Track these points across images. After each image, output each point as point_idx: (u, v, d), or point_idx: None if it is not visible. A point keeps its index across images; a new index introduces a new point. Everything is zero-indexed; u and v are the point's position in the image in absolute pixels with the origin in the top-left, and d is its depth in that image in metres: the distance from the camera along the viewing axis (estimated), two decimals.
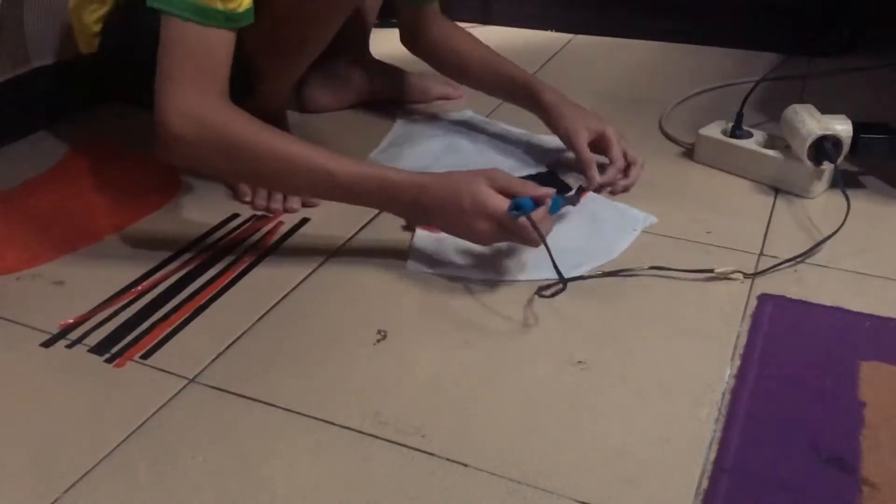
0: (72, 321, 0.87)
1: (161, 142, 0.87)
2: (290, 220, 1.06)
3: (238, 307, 0.90)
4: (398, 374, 0.79)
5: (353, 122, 1.37)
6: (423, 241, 0.99)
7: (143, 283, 0.93)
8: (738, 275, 0.92)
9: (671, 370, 0.79)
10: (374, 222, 1.05)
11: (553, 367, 0.80)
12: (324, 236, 1.03)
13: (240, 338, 0.85)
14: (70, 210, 1.09)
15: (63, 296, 0.92)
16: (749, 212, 1.07)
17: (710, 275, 0.92)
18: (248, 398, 0.77)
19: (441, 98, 1.42)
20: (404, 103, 1.42)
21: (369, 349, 0.83)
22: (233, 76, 0.88)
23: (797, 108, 1.11)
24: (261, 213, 1.08)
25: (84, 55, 1.14)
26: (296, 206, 1.08)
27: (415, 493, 0.66)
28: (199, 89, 0.86)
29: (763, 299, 0.89)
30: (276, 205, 1.07)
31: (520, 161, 1.20)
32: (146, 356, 0.82)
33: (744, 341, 0.83)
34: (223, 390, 0.78)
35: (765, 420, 0.73)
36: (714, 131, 1.18)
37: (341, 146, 1.26)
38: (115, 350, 0.83)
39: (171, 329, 0.86)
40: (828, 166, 1.07)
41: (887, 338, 0.83)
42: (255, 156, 0.87)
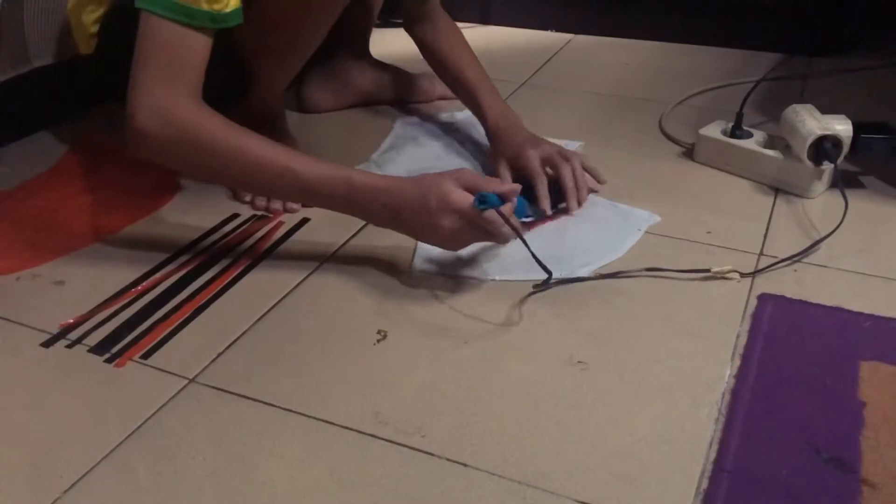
0: (72, 321, 0.87)
1: (128, 135, 0.87)
2: (290, 221, 1.06)
3: (238, 307, 0.90)
4: (398, 374, 0.79)
5: (354, 122, 1.37)
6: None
7: (143, 284, 0.93)
8: (734, 274, 0.92)
9: (671, 370, 0.79)
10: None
11: (553, 367, 0.80)
12: (324, 236, 1.03)
13: (240, 338, 0.85)
14: (70, 210, 1.09)
15: (63, 296, 0.92)
16: (749, 212, 1.07)
17: (706, 274, 0.92)
18: (248, 398, 0.77)
19: (441, 98, 1.42)
20: (404, 103, 1.42)
21: (369, 349, 0.83)
22: (227, 77, 0.88)
23: (797, 108, 1.11)
24: (260, 213, 1.08)
25: (82, 56, 1.14)
26: (296, 206, 1.08)
27: (415, 493, 0.66)
28: (170, 87, 0.85)
29: (763, 299, 0.89)
30: (276, 205, 1.07)
31: None
32: (146, 356, 0.82)
33: (744, 341, 0.83)
34: (223, 390, 0.78)
35: (765, 420, 0.73)
36: (714, 131, 1.18)
37: (341, 147, 1.27)
38: (114, 350, 0.83)
39: (170, 329, 0.86)
40: (828, 166, 1.07)
41: (887, 338, 0.83)
42: (220, 154, 0.86)
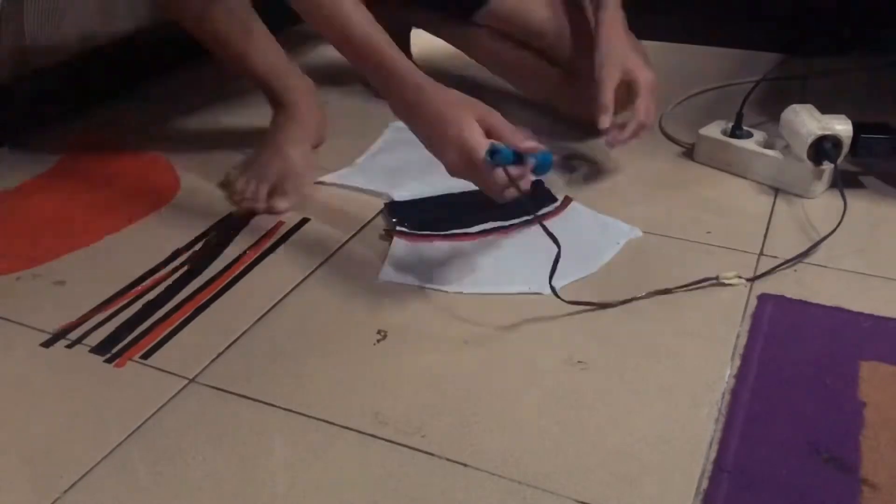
0: (73, 321, 0.87)
1: None
2: (291, 220, 1.06)
3: (238, 307, 0.90)
4: (398, 374, 0.79)
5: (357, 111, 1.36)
6: (400, 251, 0.98)
7: (143, 283, 0.93)
8: (740, 280, 0.91)
9: (671, 370, 0.79)
10: (373, 223, 1.05)
11: (553, 368, 0.80)
12: (323, 236, 1.03)
13: (240, 338, 0.85)
14: (70, 210, 1.09)
15: (63, 296, 0.92)
16: (749, 212, 1.07)
17: (714, 282, 0.91)
18: (248, 398, 0.77)
19: None
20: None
21: (369, 349, 0.83)
22: None
23: (797, 108, 1.11)
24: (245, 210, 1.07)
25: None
26: (281, 205, 1.06)
27: (415, 493, 0.66)
28: None
29: (763, 299, 0.89)
30: (281, 205, 1.06)
31: None
32: (146, 356, 0.82)
33: (743, 341, 0.83)
34: (223, 390, 0.78)
35: (765, 420, 0.73)
36: (714, 131, 1.18)
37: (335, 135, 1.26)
38: (114, 350, 0.83)
39: (171, 329, 0.86)
40: (828, 166, 1.07)
41: (887, 338, 0.83)
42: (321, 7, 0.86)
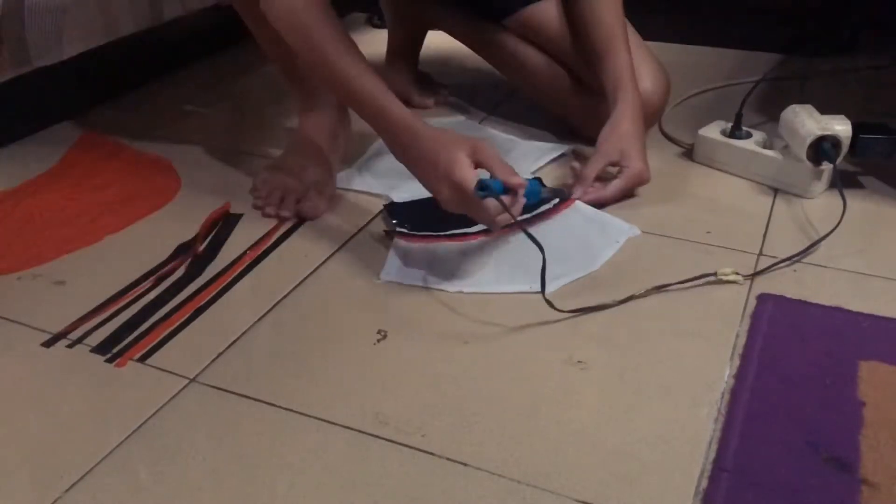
0: (74, 321, 0.87)
1: (264, 7, 0.95)
2: (290, 221, 1.06)
3: (238, 307, 0.90)
4: (398, 374, 0.80)
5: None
6: (400, 251, 0.98)
7: (144, 284, 0.93)
8: (738, 277, 0.91)
9: (671, 370, 0.79)
10: (373, 223, 1.05)
11: (553, 368, 0.80)
12: (324, 236, 1.03)
13: (240, 338, 0.85)
14: (70, 210, 1.09)
15: (63, 296, 0.92)
16: (748, 212, 1.07)
17: (712, 279, 0.91)
18: (248, 398, 0.77)
19: (419, 107, 1.40)
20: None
21: (369, 349, 0.83)
22: None
23: (796, 108, 1.11)
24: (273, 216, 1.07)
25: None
26: (312, 212, 1.06)
27: (415, 493, 0.66)
28: None
29: (762, 299, 0.89)
30: (286, 212, 1.06)
31: None
32: (147, 356, 0.82)
33: (743, 341, 0.83)
34: (223, 390, 0.78)
35: (764, 420, 0.73)
36: (713, 131, 1.18)
37: None
38: (115, 350, 0.83)
39: (171, 329, 0.86)
40: (827, 166, 1.07)
41: (886, 338, 0.83)
42: (309, 54, 0.94)
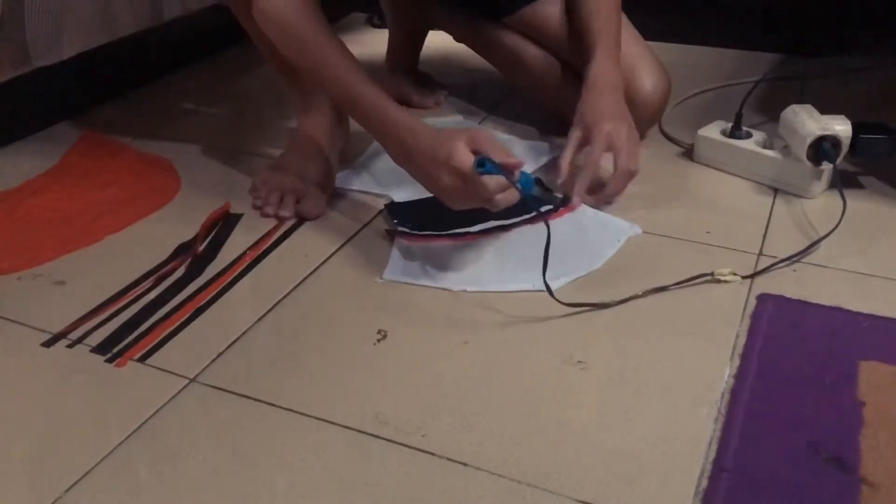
0: (74, 321, 0.87)
1: (255, 14, 0.96)
2: (290, 221, 1.06)
3: (238, 307, 0.90)
4: (398, 374, 0.80)
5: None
6: (403, 251, 0.98)
7: (144, 284, 0.93)
8: (735, 277, 0.91)
9: (671, 370, 0.79)
10: (373, 223, 1.05)
11: (553, 367, 0.80)
12: (324, 236, 1.03)
13: (240, 338, 0.85)
14: (70, 210, 1.09)
15: (63, 296, 0.92)
16: (748, 212, 1.07)
17: (709, 278, 0.92)
18: (248, 398, 0.77)
19: (419, 107, 1.41)
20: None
21: (369, 349, 0.83)
22: None
23: (796, 108, 1.11)
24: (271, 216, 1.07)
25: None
26: (312, 212, 1.06)
27: (415, 492, 0.67)
28: None
29: (762, 299, 0.89)
30: (286, 212, 1.06)
31: None
32: (147, 356, 0.82)
33: (743, 341, 0.83)
34: (223, 390, 0.78)
35: (764, 420, 0.73)
36: (713, 131, 1.18)
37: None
38: (115, 350, 0.83)
39: (171, 329, 0.86)
40: (827, 166, 1.07)
41: (886, 338, 0.83)
42: (303, 56, 0.95)
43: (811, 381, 0.77)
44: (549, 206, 0.96)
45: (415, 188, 1.08)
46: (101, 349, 0.83)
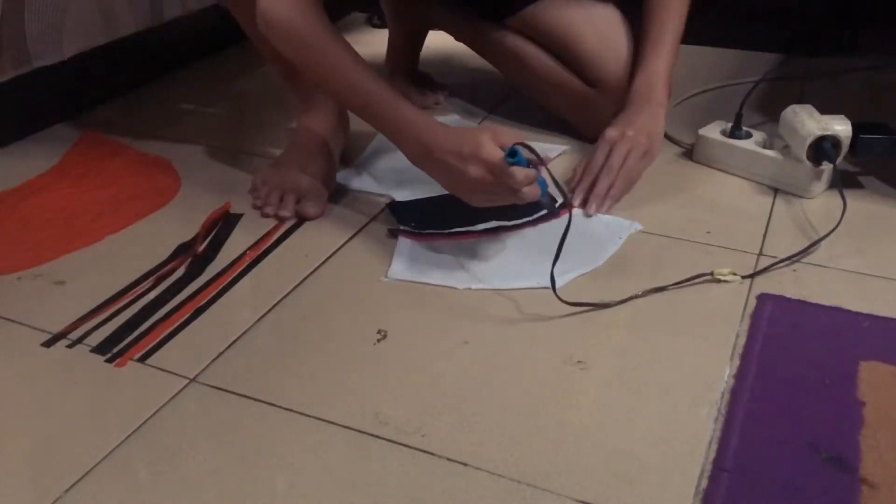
0: (74, 321, 0.87)
1: (259, 19, 0.96)
2: (290, 221, 1.06)
3: (238, 307, 0.90)
4: (398, 374, 0.80)
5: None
6: (406, 250, 0.98)
7: (144, 283, 0.93)
8: (735, 277, 0.91)
9: (671, 370, 0.79)
10: (373, 223, 1.05)
11: (553, 367, 0.80)
12: (324, 236, 1.03)
13: (240, 338, 0.85)
14: (70, 210, 1.09)
15: (63, 296, 0.92)
16: (748, 212, 1.07)
17: (708, 278, 0.92)
18: (248, 398, 0.77)
19: (435, 104, 1.41)
20: None
21: (369, 349, 0.83)
22: None
23: (796, 108, 1.11)
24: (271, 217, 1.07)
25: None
26: (312, 212, 1.06)
27: (415, 492, 0.67)
28: None
29: (762, 299, 0.89)
30: (286, 212, 1.06)
31: None
32: (147, 356, 0.82)
33: (743, 341, 0.83)
34: (223, 390, 0.78)
35: (764, 420, 0.73)
36: (713, 131, 1.18)
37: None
38: (115, 350, 0.83)
39: (171, 329, 0.86)
40: (827, 166, 1.07)
41: (886, 338, 0.83)
42: (314, 62, 0.95)
43: (811, 381, 0.77)
44: (547, 209, 0.94)
45: (414, 189, 1.09)
46: (101, 349, 0.83)
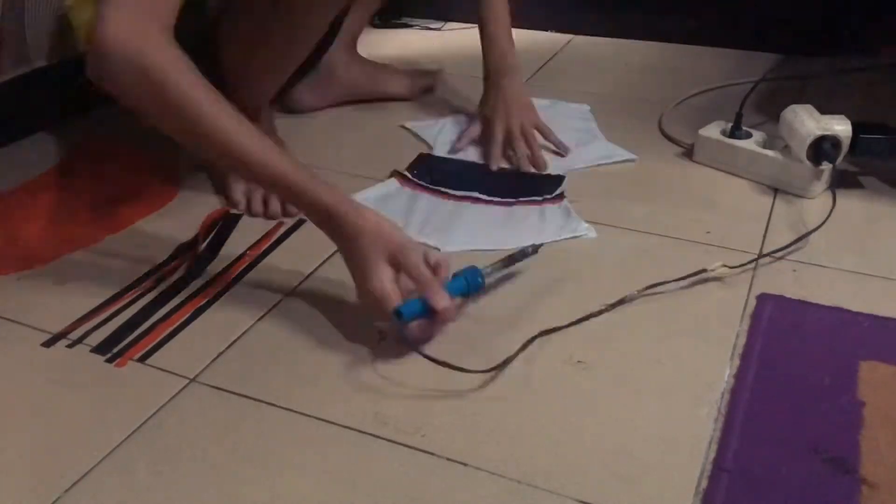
0: (74, 321, 0.87)
1: (92, 58, 0.80)
2: (289, 220, 1.06)
3: (238, 307, 0.90)
4: (398, 374, 0.79)
5: (340, 121, 1.36)
6: (390, 188, 1.10)
7: (144, 284, 0.93)
8: (724, 269, 0.91)
9: (671, 370, 0.79)
10: None
11: (553, 367, 0.80)
12: (323, 236, 1.02)
13: (240, 338, 0.85)
14: (70, 210, 1.09)
15: (63, 296, 0.92)
16: (748, 212, 1.07)
17: (704, 275, 0.92)
18: (248, 398, 0.77)
19: (426, 90, 1.41)
20: (389, 100, 1.40)
21: (369, 349, 0.83)
22: (209, 76, 0.82)
23: (796, 108, 1.11)
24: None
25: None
26: (294, 210, 1.05)
27: (415, 493, 0.66)
28: (146, 16, 0.78)
29: (762, 299, 0.89)
30: (275, 208, 1.05)
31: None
32: (147, 356, 0.82)
33: (743, 341, 0.83)
34: (223, 390, 0.78)
35: (764, 420, 0.73)
36: (713, 132, 1.18)
37: (329, 147, 1.26)
38: (115, 350, 0.83)
39: (171, 329, 0.86)
40: (827, 166, 1.07)
41: (886, 338, 0.83)
42: (187, 115, 0.80)
43: (811, 381, 0.77)
44: (523, 258, 0.92)
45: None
46: (101, 349, 0.83)
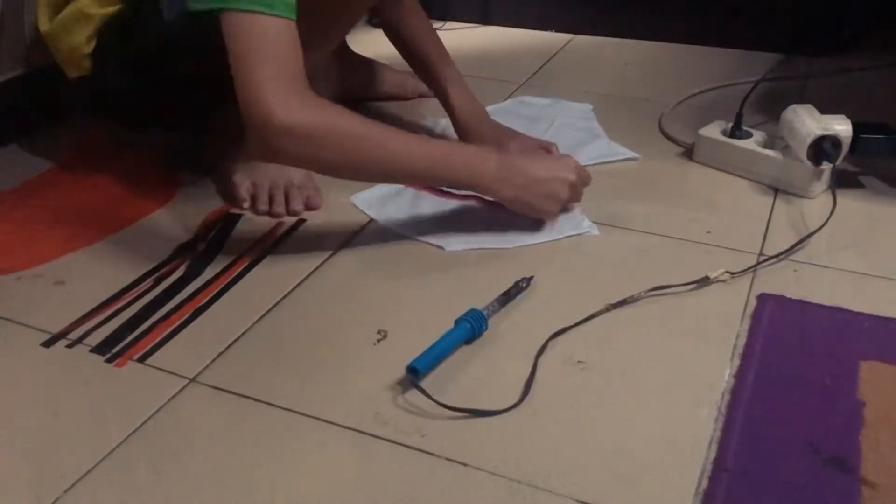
0: (74, 321, 0.87)
1: (265, 137, 0.86)
2: (290, 220, 1.06)
3: (238, 307, 0.90)
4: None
5: None
6: (390, 188, 1.10)
7: (144, 284, 0.93)
8: (726, 275, 0.91)
9: (671, 370, 0.79)
10: (373, 223, 1.05)
11: (553, 367, 0.80)
12: (324, 236, 1.03)
13: (240, 338, 0.85)
14: (70, 210, 1.09)
15: (63, 296, 0.92)
16: (749, 212, 1.07)
17: (705, 282, 0.91)
18: (248, 398, 0.77)
19: (422, 96, 1.40)
20: (382, 99, 1.41)
21: (369, 349, 0.83)
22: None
23: (797, 108, 1.11)
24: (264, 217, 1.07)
25: (74, 79, 1.11)
26: (298, 208, 1.06)
27: (415, 493, 0.66)
28: (290, 82, 0.85)
29: (762, 299, 0.89)
30: (279, 208, 1.06)
31: None
32: (147, 356, 0.82)
33: (743, 341, 0.83)
34: (223, 390, 0.78)
35: (765, 420, 0.73)
36: (714, 131, 1.18)
37: None
38: (115, 350, 0.83)
39: (171, 329, 0.86)
40: (827, 166, 1.07)
41: (887, 338, 0.83)
42: (365, 144, 0.90)
43: (811, 381, 0.77)
44: (518, 293, 0.91)
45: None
46: (101, 349, 0.83)
